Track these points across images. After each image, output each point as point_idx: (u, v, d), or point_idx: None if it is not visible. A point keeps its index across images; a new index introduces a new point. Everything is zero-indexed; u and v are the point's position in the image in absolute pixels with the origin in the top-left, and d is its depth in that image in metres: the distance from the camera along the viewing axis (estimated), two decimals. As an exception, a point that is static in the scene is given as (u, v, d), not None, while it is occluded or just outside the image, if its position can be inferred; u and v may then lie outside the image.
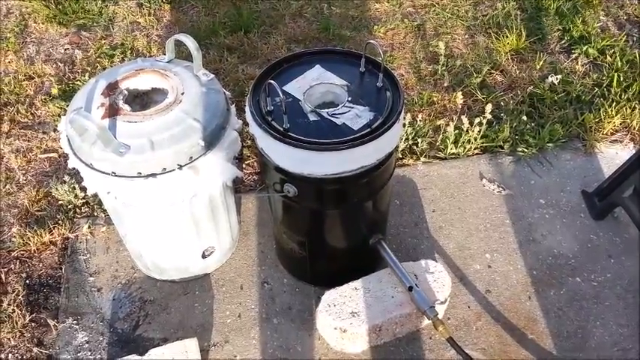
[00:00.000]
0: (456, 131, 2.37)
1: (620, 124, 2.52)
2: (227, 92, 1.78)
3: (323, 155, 1.46)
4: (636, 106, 2.55)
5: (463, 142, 2.39)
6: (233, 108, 1.75)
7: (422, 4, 3.29)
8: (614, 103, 2.56)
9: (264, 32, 3.07)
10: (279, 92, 1.45)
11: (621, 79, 2.67)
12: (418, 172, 2.35)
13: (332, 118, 1.53)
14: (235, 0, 3.29)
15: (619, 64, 2.76)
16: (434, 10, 3.22)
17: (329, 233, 1.83)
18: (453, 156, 2.41)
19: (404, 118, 2.31)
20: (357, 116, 1.54)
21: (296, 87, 1.61)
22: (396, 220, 2.16)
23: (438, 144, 2.43)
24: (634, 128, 2.51)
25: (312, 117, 1.54)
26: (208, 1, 3.28)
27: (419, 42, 3.02)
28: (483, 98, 2.63)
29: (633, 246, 2.06)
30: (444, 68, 2.78)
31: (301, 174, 1.52)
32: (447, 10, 3.22)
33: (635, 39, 3.00)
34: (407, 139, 2.39)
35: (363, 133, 1.48)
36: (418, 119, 2.43)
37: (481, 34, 3.06)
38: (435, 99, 2.65)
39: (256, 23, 3.11)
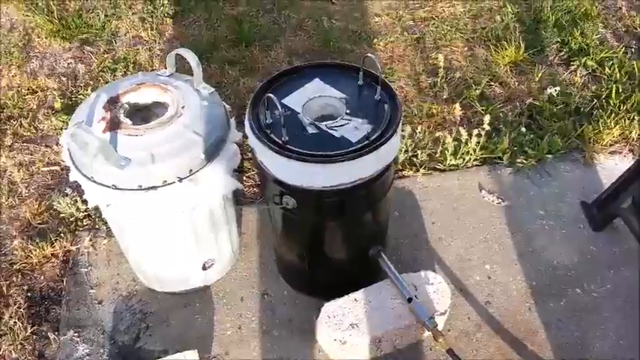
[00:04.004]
0: (455, 143, 2.38)
1: (619, 135, 2.53)
2: (227, 105, 1.80)
3: (321, 167, 1.47)
4: (635, 117, 2.56)
5: (462, 154, 2.40)
6: (233, 121, 1.77)
7: (421, 17, 3.32)
8: (613, 115, 2.57)
9: (265, 46, 3.09)
10: (278, 105, 1.47)
11: (620, 90, 2.68)
12: (418, 184, 2.36)
13: (330, 131, 1.55)
14: (237, 14, 3.33)
15: (617, 75, 2.78)
16: (433, 23, 3.25)
17: (328, 245, 1.83)
18: (453, 167, 2.42)
19: (402, 130, 2.32)
20: (355, 129, 1.55)
21: (295, 100, 1.63)
22: (396, 232, 2.16)
23: (437, 155, 2.44)
24: (633, 139, 2.51)
25: (310, 130, 1.56)
26: (210, 15, 3.32)
27: (418, 54, 3.04)
28: (482, 110, 2.64)
29: (632, 257, 2.06)
30: (443, 80, 2.79)
31: (300, 186, 1.53)
32: (446, 23, 3.24)
33: (633, 50, 3.02)
34: (406, 150, 2.40)
35: (361, 145, 1.50)
36: (418, 131, 2.44)
37: (480, 46, 3.08)
38: (434, 111, 2.67)
39: (257, 37, 3.14)
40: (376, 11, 3.38)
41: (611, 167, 2.40)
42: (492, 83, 2.83)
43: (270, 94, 1.50)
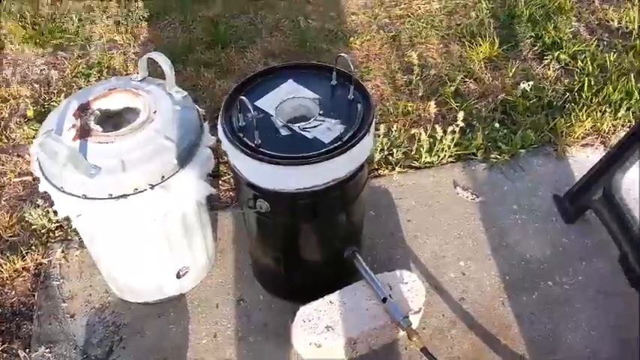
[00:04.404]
0: (430, 140, 2.40)
1: (591, 127, 2.56)
2: (200, 109, 1.78)
3: (294, 170, 1.47)
4: (606, 109, 2.60)
5: (437, 151, 2.41)
6: (206, 125, 1.75)
7: (397, 15, 3.33)
8: (585, 108, 2.60)
9: (241, 47, 3.08)
10: (250, 108, 1.46)
11: (592, 83, 2.72)
12: (393, 182, 2.37)
13: (303, 132, 1.55)
14: (212, 16, 3.31)
15: (590, 68, 2.81)
16: (409, 21, 3.27)
17: (303, 247, 1.83)
18: (428, 165, 2.43)
19: (377, 129, 2.33)
20: (328, 129, 1.55)
21: (268, 102, 1.62)
22: (372, 231, 2.17)
23: (412, 153, 2.45)
24: (604, 131, 2.55)
25: (283, 132, 1.56)
26: (185, 17, 3.30)
27: (394, 52, 3.06)
28: (457, 106, 2.66)
29: (604, 248, 2.08)
30: (418, 78, 2.80)
31: (273, 189, 1.53)
32: (422, 21, 3.26)
33: (605, 43, 3.06)
34: (382, 149, 2.41)
35: (334, 146, 1.49)
36: (393, 129, 2.45)
37: (455, 43, 3.10)
38: (409, 108, 2.68)
39: (233, 38, 3.13)
40: (352, 10, 3.39)
41: (582, 160, 2.43)
42: (467, 79, 2.85)
43: (243, 97, 1.49)
